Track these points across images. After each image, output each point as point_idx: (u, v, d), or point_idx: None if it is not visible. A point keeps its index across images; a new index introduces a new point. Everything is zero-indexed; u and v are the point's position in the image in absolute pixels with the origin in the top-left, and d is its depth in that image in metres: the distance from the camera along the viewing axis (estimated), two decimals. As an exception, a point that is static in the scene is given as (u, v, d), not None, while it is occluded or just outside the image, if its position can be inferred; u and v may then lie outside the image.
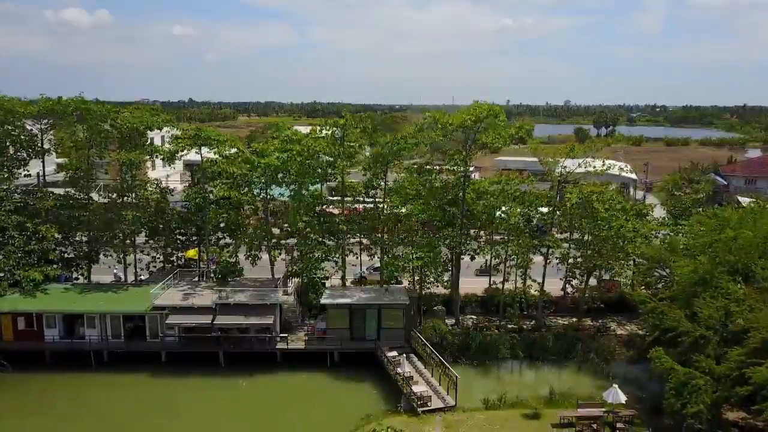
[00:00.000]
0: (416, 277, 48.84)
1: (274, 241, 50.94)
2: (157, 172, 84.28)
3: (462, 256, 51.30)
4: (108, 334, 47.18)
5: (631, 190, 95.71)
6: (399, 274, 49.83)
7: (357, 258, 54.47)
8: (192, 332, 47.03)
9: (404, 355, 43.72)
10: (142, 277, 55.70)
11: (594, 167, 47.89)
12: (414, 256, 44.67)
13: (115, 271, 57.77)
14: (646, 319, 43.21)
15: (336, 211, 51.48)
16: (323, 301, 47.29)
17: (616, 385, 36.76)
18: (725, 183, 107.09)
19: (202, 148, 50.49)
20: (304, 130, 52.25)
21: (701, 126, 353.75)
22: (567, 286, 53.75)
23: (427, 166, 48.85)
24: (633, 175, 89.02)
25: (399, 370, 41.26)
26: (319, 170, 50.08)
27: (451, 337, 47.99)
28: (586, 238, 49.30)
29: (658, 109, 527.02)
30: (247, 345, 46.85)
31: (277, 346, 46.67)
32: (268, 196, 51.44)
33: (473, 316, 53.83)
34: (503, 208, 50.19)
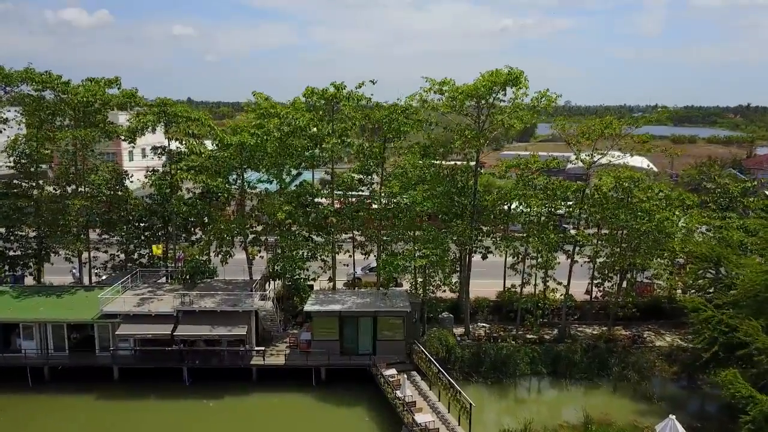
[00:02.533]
0: (419, 279, 40.97)
1: (252, 236, 43.05)
2: (137, 163, 76.33)
3: (472, 254, 43.59)
4: (49, 346, 39.32)
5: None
6: (399, 276, 42.00)
7: (350, 256, 46.68)
8: (150, 345, 39.22)
9: (404, 374, 35.94)
10: (103, 277, 47.87)
11: (624, 152, 40.15)
12: (417, 253, 36.82)
13: (73, 271, 49.96)
14: (698, 331, 35.49)
15: (325, 202, 43.63)
16: (308, 307, 39.53)
17: (673, 417, 29.03)
18: (745, 178, 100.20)
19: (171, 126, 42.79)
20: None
21: (705, 125, 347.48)
22: (593, 289, 46.16)
23: (433, 147, 40.95)
24: (653, 167, 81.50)
25: (399, 393, 33.48)
26: (306, 153, 42.23)
27: (461, 350, 40.22)
28: (619, 232, 41.55)
29: (659, 110, 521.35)
30: (216, 360, 39.06)
31: (252, 362, 38.89)
32: (245, 184, 43.53)
33: (485, 324, 46.10)
34: (516, 203, 42.59)
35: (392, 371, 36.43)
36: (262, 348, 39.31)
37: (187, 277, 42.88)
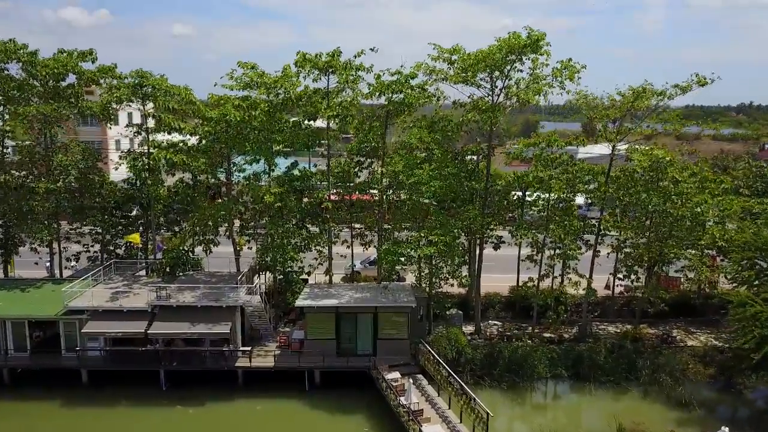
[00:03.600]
0: (425, 272, 36.54)
1: (239, 223, 38.67)
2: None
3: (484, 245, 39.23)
4: (9, 346, 34.94)
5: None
6: (402, 268, 37.61)
7: (348, 248, 42.36)
8: (122, 344, 34.87)
9: (409, 378, 31.58)
10: (77, 268, 43.50)
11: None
12: (423, 241, 32.37)
13: (47, 264, 45.50)
14: (745, 329, 31.18)
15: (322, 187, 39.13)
16: (300, 302, 35.17)
17: (726, 429, 24.77)
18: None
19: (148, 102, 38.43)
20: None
21: (706, 124, 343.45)
22: (614, 283, 41.87)
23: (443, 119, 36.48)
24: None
25: (403, 400, 29.11)
26: (300, 129, 37.78)
27: (471, 350, 35.86)
28: (648, 220, 37.22)
29: (668, 111, 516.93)
30: (196, 361, 34.67)
31: (237, 363, 34.52)
32: (231, 166, 39.10)
33: (497, 322, 41.86)
34: (532, 189, 38.30)
35: (395, 374, 32.09)
36: (249, 348, 34.91)
37: (167, 269, 38.49)
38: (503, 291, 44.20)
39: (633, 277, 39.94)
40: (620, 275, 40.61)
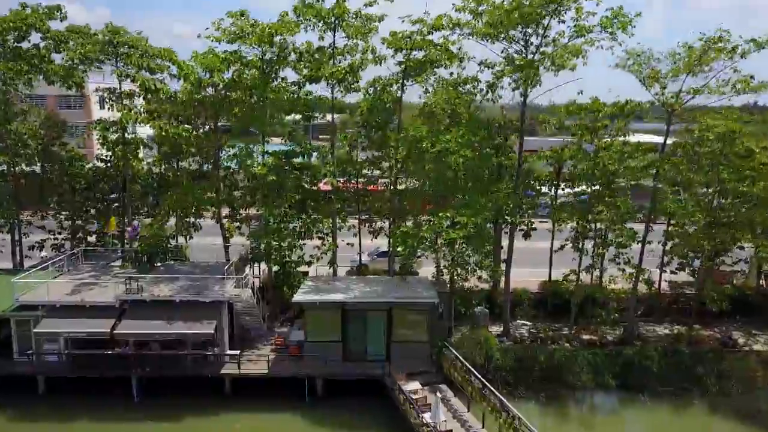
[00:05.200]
0: (446, 261, 30.69)
1: (226, 211, 32.98)
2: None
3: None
4: (-51, 348, 29.25)
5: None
6: (421, 256, 31.72)
7: (355, 235, 36.63)
8: (86, 346, 29.16)
9: (435, 392, 25.88)
10: (43, 255, 37.75)
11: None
12: (446, 222, 26.32)
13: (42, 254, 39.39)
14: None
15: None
16: (298, 297, 29.45)
17: None
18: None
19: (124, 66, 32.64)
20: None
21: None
22: (661, 276, 36.21)
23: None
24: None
25: (428, 418, 23.40)
26: (300, 93, 32.08)
27: (502, 355, 30.21)
28: (715, 200, 31.50)
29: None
30: (175, 367, 28.91)
31: (223, 370, 28.82)
32: (218, 136, 33.35)
33: (526, 322, 36.19)
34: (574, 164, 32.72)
35: (415, 385, 26.41)
36: (238, 352, 29.16)
37: (144, 257, 32.74)
38: (531, 287, 38.56)
39: (687, 270, 34.30)
40: (667, 269, 35.04)
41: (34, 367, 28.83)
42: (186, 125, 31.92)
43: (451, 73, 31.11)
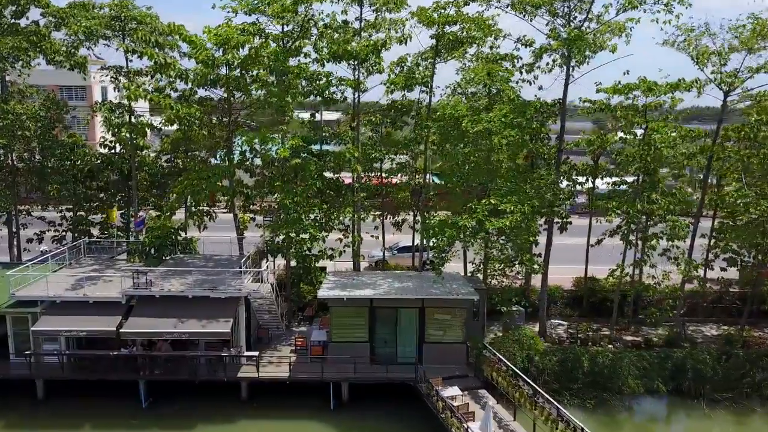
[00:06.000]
0: (483, 255, 28.04)
1: (242, 189, 30.37)
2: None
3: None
4: (-61, 349, 26.66)
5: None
6: (458, 249, 28.92)
7: (376, 228, 34.05)
8: (90, 347, 26.61)
9: (475, 397, 23.29)
10: (43, 249, 35.16)
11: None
12: (485, 209, 23.41)
13: (42, 248, 36.75)
14: None
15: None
16: (323, 293, 26.81)
17: None
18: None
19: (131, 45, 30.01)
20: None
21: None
22: (706, 272, 33.59)
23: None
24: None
25: (475, 428, 20.80)
26: (320, 77, 29.56)
27: (541, 357, 27.61)
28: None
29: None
30: (186, 370, 26.31)
31: (240, 373, 26.22)
32: (231, 118, 30.73)
33: (562, 321, 33.70)
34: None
35: (454, 390, 23.79)
36: (256, 353, 26.54)
37: (152, 250, 30.15)
38: (564, 284, 36.02)
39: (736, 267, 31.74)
40: (714, 265, 32.46)
41: (32, 369, 26.17)
42: (197, 105, 29.27)
43: (491, 47, 28.44)
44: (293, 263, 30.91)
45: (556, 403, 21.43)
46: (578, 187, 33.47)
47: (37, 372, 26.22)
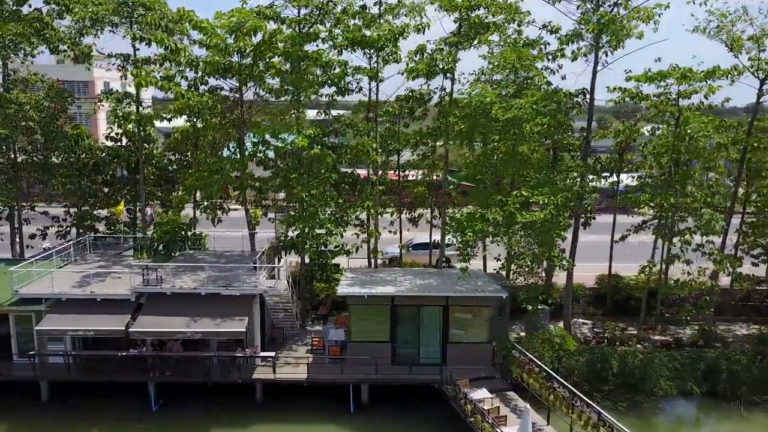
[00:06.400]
0: (508, 250, 26.67)
1: (253, 182, 29.07)
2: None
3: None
4: (-62, 349, 25.35)
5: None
6: (480, 244, 27.58)
7: (392, 223, 32.75)
8: (97, 347, 25.33)
9: (513, 403, 22.03)
10: (46, 245, 33.87)
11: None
12: (516, 201, 22.08)
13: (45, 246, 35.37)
14: None
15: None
16: (342, 290, 25.51)
17: None
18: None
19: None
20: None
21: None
22: (734, 269, 32.21)
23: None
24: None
25: (509, 434, 19.56)
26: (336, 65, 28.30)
27: (568, 358, 26.31)
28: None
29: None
30: (199, 371, 25.01)
31: (255, 374, 24.92)
32: (243, 109, 29.45)
33: (585, 320, 32.43)
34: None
35: (483, 393, 22.49)
36: (273, 354, 25.24)
37: (160, 246, 28.87)
38: (586, 281, 34.77)
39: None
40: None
41: (36, 370, 24.88)
42: (207, 94, 28.01)
43: (517, 32, 27.13)
44: (307, 260, 29.59)
45: (597, 407, 20.12)
46: (601, 183, 32.25)
47: (42, 373, 24.92)
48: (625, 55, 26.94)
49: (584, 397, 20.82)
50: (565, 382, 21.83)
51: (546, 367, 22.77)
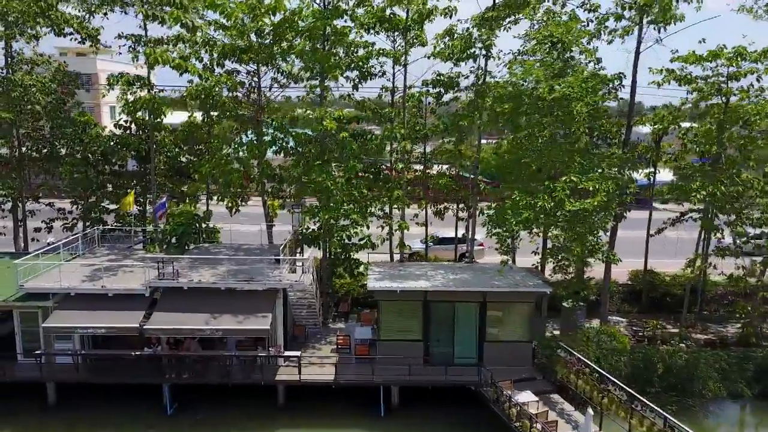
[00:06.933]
0: (553, 243, 24.88)
1: (273, 172, 27.34)
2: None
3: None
4: (-63, 348, 23.57)
5: None
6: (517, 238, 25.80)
7: (417, 214, 30.99)
8: (108, 345, 23.58)
9: (559, 406, 20.30)
10: (50, 240, 32.08)
11: None
12: (566, 187, 20.23)
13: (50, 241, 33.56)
14: None
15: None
16: (372, 284, 23.72)
17: None
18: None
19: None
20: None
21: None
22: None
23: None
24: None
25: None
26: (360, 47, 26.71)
27: (607, 358, 24.49)
28: None
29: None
30: (218, 372, 23.26)
31: (278, 376, 23.16)
32: (261, 93, 27.72)
33: (620, 318, 30.73)
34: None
35: (528, 395, 20.75)
36: (298, 353, 23.46)
37: (173, 239, 27.11)
38: (619, 277, 33.04)
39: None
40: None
41: (42, 371, 23.10)
42: (224, 73, 26.25)
43: (561, 4, 25.37)
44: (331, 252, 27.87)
45: (663, 411, 18.40)
46: (638, 174, 30.53)
47: (48, 374, 23.13)
48: (666, 36, 25.02)
49: (650, 403, 19.08)
50: (623, 385, 20.07)
51: (601, 370, 21.02)
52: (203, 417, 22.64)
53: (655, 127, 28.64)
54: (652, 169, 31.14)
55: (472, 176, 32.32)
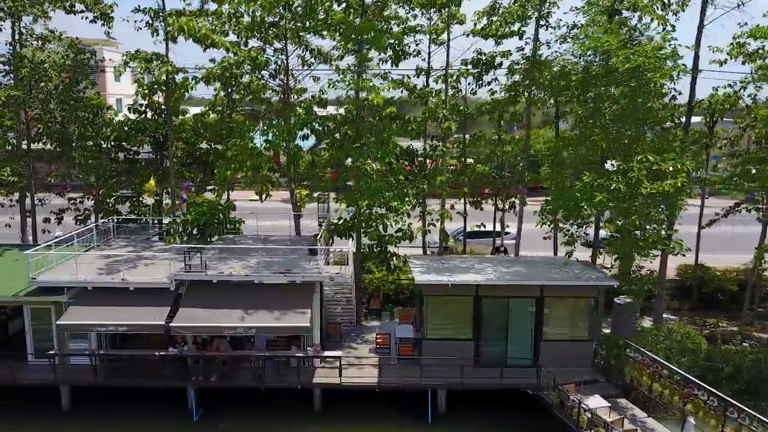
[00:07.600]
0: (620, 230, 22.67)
1: (304, 157, 25.23)
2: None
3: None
4: (-57, 347, 21.47)
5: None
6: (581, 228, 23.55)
7: (455, 206, 28.87)
8: (128, 345, 21.47)
9: (630, 412, 18.21)
10: (58, 234, 29.95)
11: None
12: (643, 166, 17.81)
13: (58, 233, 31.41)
14: None
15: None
16: (420, 278, 21.56)
17: None
18: None
19: None
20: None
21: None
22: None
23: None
24: None
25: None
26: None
27: (681, 357, 22.33)
28: None
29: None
30: (248, 374, 21.14)
31: (316, 378, 21.05)
32: (289, 72, 25.64)
33: (671, 316, 28.69)
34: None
35: (598, 400, 18.64)
36: (339, 353, 21.34)
37: (194, 230, 24.94)
38: (667, 273, 30.96)
39: None
40: None
41: (56, 373, 20.98)
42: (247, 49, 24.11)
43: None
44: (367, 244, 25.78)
45: (763, 418, 16.32)
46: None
47: (63, 377, 21.01)
48: (723, 14, 22.95)
49: (745, 408, 16.99)
50: (714, 390, 17.99)
51: (686, 375, 18.90)
52: (225, 425, 20.56)
53: (713, 109, 26.53)
54: (705, 157, 29.09)
55: (507, 173, 30.39)
